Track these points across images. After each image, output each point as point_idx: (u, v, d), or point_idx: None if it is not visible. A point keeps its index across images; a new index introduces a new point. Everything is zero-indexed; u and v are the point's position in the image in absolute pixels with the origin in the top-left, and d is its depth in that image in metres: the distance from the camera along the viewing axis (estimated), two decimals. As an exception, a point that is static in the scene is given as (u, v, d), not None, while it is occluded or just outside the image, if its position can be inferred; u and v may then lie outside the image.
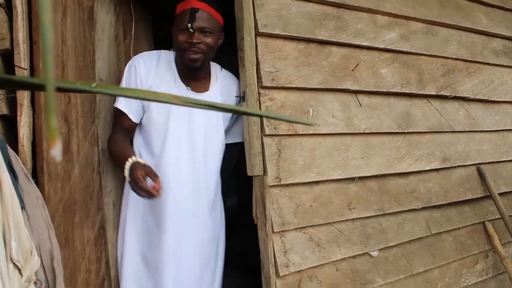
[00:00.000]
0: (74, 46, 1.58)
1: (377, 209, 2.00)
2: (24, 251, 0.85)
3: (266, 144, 1.70)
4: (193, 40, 1.65)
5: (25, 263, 0.85)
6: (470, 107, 2.46)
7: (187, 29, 1.64)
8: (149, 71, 1.74)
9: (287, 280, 1.71)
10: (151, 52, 1.85)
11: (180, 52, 1.71)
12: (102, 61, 1.77)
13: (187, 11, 1.65)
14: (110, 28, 1.85)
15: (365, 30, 2.03)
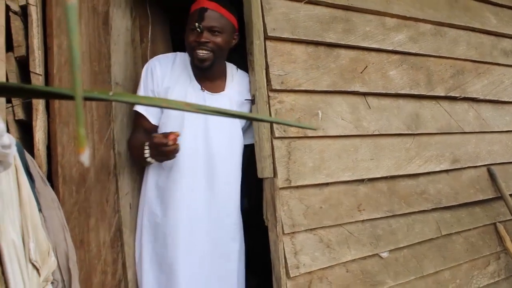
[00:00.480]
0: (89, 51, 1.61)
1: (386, 211, 2.00)
2: (41, 252, 0.88)
3: (276, 147, 1.72)
4: (201, 39, 1.67)
5: (43, 263, 0.88)
6: (480, 108, 2.46)
7: (196, 28, 1.67)
8: (165, 73, 1.77)
9: (297, 281, 1.72)
10: (167, 55, 1.88)
11: (190, 51, 1.74)
12: (118, 65, 1.80)
13: (197, 11, 1.68)
14: (126, 32, 1.88)
15: (373, 32, 2.04)
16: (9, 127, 1.31)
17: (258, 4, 1.73)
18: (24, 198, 0.84)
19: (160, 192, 1.78)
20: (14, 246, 0.71)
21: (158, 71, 1.77)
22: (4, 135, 0.60)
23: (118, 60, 1.80)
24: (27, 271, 0.77)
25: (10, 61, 1.32)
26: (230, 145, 1.84)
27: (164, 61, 1.81)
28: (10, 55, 1.33)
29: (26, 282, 0.74)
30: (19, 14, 1.36)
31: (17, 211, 0.80)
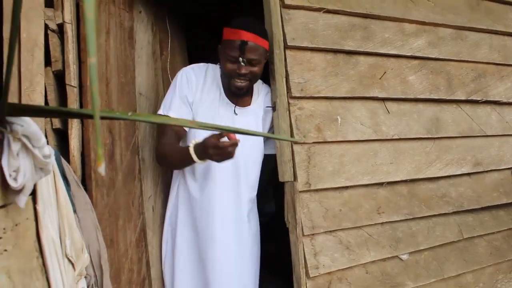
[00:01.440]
0: (117, 64, 1.72)
1: (406, 213, 2.04)
2: (76, 249, 0.98)
3: (296, 152, 1.79)
4: (242, 71, 1.73)
5: (77, 259, 0.98)
6: (503, 111, 2.45)
7: (236, 61, 1.72)
8: (198, 83, 1.85)
9: (317, 281, 1.79)
10: (200, 66, 1.93)
11: (227, 78, 1.80)
12: (141, 77, 1.91)
13: (237, 43, 1.70)
14: (148, 46, 1.99)
15: (392, 38, 2.09)
16: (47, 135, 1.43)
17: (278, 15, 1.81)
18: (61, 200, 0.94)
19: (193, 199, 1.88)
20: (53, 242, 0.81)
21: (194, 80, 1.84)
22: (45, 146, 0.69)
23: (141, 72, 1.90)
24: (64, 265, 0.87)
25: (48, 75, 1.44)
26: (254, 153, 1.93)
27: (198, 71, 1.88)
28: (48, 69, 1.45)
29: (63, 274, 0.84)
30: (56, 31, 1.48)
31: (55, 212, 0.90)
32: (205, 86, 1.86)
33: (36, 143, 0.66)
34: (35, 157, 0.67)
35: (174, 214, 1.93)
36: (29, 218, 0.73)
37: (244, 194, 1.92)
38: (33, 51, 1.41)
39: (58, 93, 1.50)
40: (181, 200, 1.91)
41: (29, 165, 0.67)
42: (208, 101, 1.85)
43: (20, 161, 0.63)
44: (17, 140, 0.62)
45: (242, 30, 1.69)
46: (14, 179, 0.63)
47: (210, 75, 1.89)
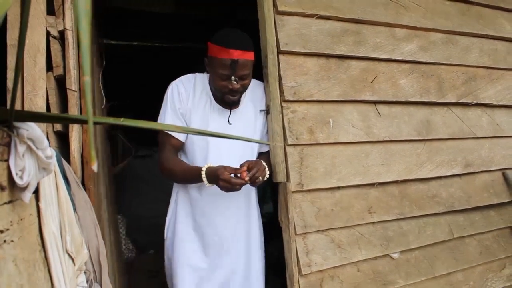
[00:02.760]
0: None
1: (397, 213, 2.10)
2: (76, 245, 1.04)
3: (289, 153, 1.85)
4: (234, 88, 1.77)
5: (77, 254, 1.04)
6: (494, 113, 2.51)
7: (228, 78, 1.74)
8: (188, 95, 1.88)
9: (309, 278, 1.85)
10: (187, 77, 1.94)
11: (219, 93, 1.83)
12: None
13: (227, 62, 1.71)
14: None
15: (383, 43, 2.15)
16: (49, 137, 1.50)
17: (271, 21, 1.87)
18: (62, 198, 1.00)
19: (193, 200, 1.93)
20: (54, 237, 0.87)
21: (184, 92, 1.87)
22: (47, 148, 0.76)
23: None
24: (64, 259, 0.93)
25: (50, 80, 1.51)
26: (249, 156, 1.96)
27: (186, 83, 1.90)
28: (50, 74, 1.51)
29: (64, 268, 0.90)
30: (57, 38, 1.54)
31: (56, 209, 0.96)
32: (195, 97, 1.90)
33: (39, 145, 0.73)
34: (38, 157, 0.74)
35: (173, 221, 1.98)
36: (32, 214, 0.79)
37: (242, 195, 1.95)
38: (36, 56, 1.48)
39: (59, 97, 1.56)
40: (180, 205, 1.96)
41: (33, 165, 0.74)
42: (200, 111, 1.89)
43: (25, 162, 0.70)
44: (23, 143, 0.69)
45: (231, 49, 1.70)
46: (20, 178, 0.70)
47: (198, 85, 1.92)
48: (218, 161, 1.81)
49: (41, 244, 0.82)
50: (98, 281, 1.26)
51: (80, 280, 1.09)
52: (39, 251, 0.79)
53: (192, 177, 1.79)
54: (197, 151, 1.90)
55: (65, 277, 0.90)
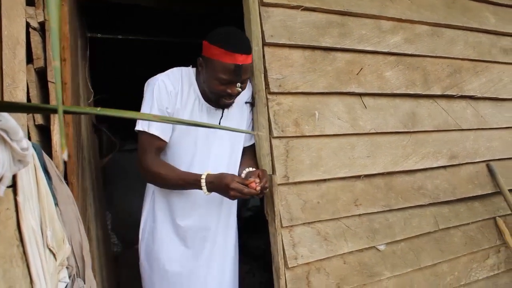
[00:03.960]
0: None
1: (383, 205, 2.11)
2: (57, 239, 1.02)
3: (274, 146, 1.84)
4: (234, 93, 1.68)
5: (59, 249, 1.02)
6: (478, 105, 2.53)
7: (229, 83, 1.65)
8: (177, 92, 1.76)
9: (295, 271, 1.85)
10: (173, 72, 1.81)
11: (215, 96, 1.73)
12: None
13: (231, 67, 1.61)
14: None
15: (369, 35, 2.14)
16: (29, 131, 1.47)
17: (256, 12, 1.85)
18: (42, 192, 0.98)
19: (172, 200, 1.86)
20: (33, 232, 0.85)
21: (172, 90, 1.74)
22: (23, 140, 0.74)
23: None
24: (45, 255, 0.91)
25: (30, 72, 1.47)
26: (235, 154, 1.92)
27: (173, 79, 1.77)
28: (30, 67, 1.48)
29: (44, 263, 0.88)
30: (38, 29, 1.51)
31: (36, 203, 0.94)
32: (183, 94, 1.78)
33: (14, 137, 0.71)
34: (13, 149, 0.72)
35: (149, 210, 1.92)
36: (10, 209, 0.77)
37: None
38: (15, 48, 1.45)
39: (40, 89, 1.53)
40: (158, 205, 1.89)
41: (7, 157, 0.71)
42: (188, 111, 1.79)
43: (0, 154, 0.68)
44: None
45: (236, 54, 1.60)
46: None
47: (185, 82, 1.80)
48: (205, 165, 1.77)
49: (20, 239, 0.80)
50: (81, 277, 1.24)
51: (62, 275, 1.07)
52: (17, 247, 0.78)
53: (187, 184, 1.69)
54: (182, 154, 1.80)
55: (45, 273, 0.88)
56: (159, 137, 1.73)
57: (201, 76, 1.77)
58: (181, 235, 1.85)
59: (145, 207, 1.93)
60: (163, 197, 1.87)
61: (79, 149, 1.78)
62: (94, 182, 2.18)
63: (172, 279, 1.84)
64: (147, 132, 1.71)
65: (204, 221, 1.85)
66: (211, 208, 1.86)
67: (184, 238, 1.85)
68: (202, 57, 1.71)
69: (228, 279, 1.94)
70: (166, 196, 1.86)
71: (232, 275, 1.98)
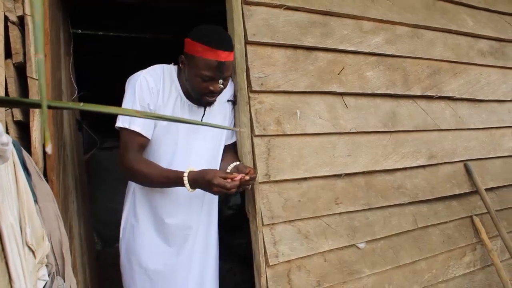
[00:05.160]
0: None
1: (364, 204, 2.13)
2: (36, 237, 1.01)
3: (256, 144, 1.85)
4: (216, 90, 1.69)
5: (38, 247, 1.01)
6: (457, 106, 2.58)
7: (211, 80, 1.66)
8: (159, 89, 1.75)
9: (276, 269, 1.86)
10: (154, 69, 1.80)
11: (198, 93, 1.73)
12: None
13: (213, 63, 1.63)
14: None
15: (350, 35, 2.17)
16: (8, 127, 1.44)
17: (239, 11, 1.86)
18: (21, 189, 0.97)
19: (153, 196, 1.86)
20: (12, 229, 0.84)
21: (154, 87, 1.74)
22: (2, 135, 0.73)
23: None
24: (24, 252, 0.90)
25: (9, 68, 1.45)
26: (216, 152, 1.93)
27: (155, 76, 1.77)
28: (9, 62, 1.46)
29: (23, 261, 0.87)
30: (16, 24, 1.49)
31: (15, 200, 0.93)
32: (165, 91, 1.78)
33: None
34: None
35: (130, 206, 1.91)
36: (-15, 205, 0.77)
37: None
38: (-7, 43, 1.42)
39: (19, 85, 1.51)
40: (139, 204, 1.88)
41: None
42: (169, 108, 1.78)
43: None
44: None
45: (219, 50, 1.62)
46: None
47: (167, 79, 1.80)
48: (186, 163, 1.76)
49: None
50: (61, 274, 1.23)
51: (41, 273, 1.06)
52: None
53: (169, 181, 1.69)
54: (162, 152, 1.80)
55: (24, 270, 0.87)
56: (141, 133, 1.72)
57: (183, 74, 1.77)
58: (163, 233, 1.85)
59: (126, 206, 1.92)
60: (144, 195, 1.86)
61: (60, 146, 1.76)
62: (78, 179, 2.15)
63: (154, 277, 1.83)
64: (128, 129, 1.70)
65: (186, 219, 1.85)
66: (192, 206, 1.86)
67: (166, 236, 1.85)
68: (185, 54, 1.71)
69: (209, 277, 1.95)
70: (147, 195, 1.85)
71: (213, 273, 1.98)
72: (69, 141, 2.04)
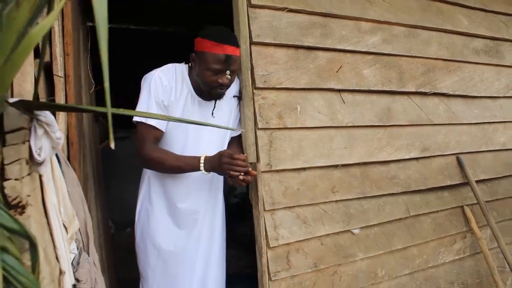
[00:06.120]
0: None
1: (359, 193, 2.30)
2: (68, 216, 1.18)
3: (259, 136, 2.02)
4: (225, 82, 1.86)
5: (69, 224, 1.18)
6: (450, 102, 2.72)
7: (220, 73, 1.84)
8: (171, 86, 1.93)
9: (276, 251, 2.03)
10: (168, 68, 1.98)
11: (208, 87, 1.90)
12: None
13: (221, 57, 1.81)
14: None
15: (349, 36, 2.31)
16: (36, 120, 1.62)
17: (245, 13, 2.01)
18: (56, 175, 1.14)
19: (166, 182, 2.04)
20: (54, 207, 1.01)
21: (167, 84, 1.91)
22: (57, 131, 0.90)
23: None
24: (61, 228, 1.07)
25: (37, 66, 1.62)
26: (222, 143, 2.10)
27: (168, 74, 1.94)
28: (37, 61, 1.62)
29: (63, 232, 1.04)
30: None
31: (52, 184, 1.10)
32: (177, 88, 1.95)
33: (52, 129, 0.88)
34: (51, 139, 0.88)
35: (146, 195, 2.09)
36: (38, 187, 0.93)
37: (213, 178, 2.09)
38: (24, 44, 1.59)
39: (46, 82, 1.68)
40: (153, 188, 2.06)
41: (48, 145, 0.88)
42: (181, 104, 1.95)
43: (42, 142, 0.84)
44: (41, 127, 0.83)
45: (226, 45, 1.80)
46: (38, 155, 0.84)
47: (179, 77, 1.96)
48: (195, 153, 1.93)
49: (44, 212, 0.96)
50: (85, 250, 1.41)
51: (72, 247, 1.23)
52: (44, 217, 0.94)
53: (186, 165, 1.87)
54: (174, 143, 1.98)
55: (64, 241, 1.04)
56: (156, 127, 1.90)
57: (193, 70, 1.95)
58: (175, 217, 2.03)
59: (141, 191, 2.10)
60: (158, 182, 2.04)
61: (80, 137, 1.92)
62: (95, 168, 2.33)
63: (166, 257, 2.02)
64: (145, 123, 1.89)
65: (195, 204, 2.03)
66: (201, 192, 2.04)
67: (177, 219, 2.03)
68: (195, 52, 1.90)
69: (214, 257, 2.13)
70: (161, 181, 2.03)
71: (219, 255, 2.15)
72: (88, 132, 2.21)
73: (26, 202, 0.82)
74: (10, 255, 0.70)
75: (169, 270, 2.02)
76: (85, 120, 2.17)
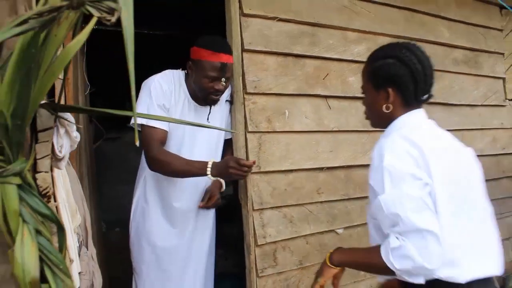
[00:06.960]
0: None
1: (343, 194, 2.41)
2: (71, 210, 1.27)
3: (249, 139, 2.12)
4: (220, 88, 1.96)
5: (73, 218, 1.26)
6: (430, 109, 2.83)
7: (216, 80, 1.93)
8: (171, 91, 2.02)
9: (264, 248, 2.13)
10: (166, 74, 2.06)
11: (204, 93, 1.99)
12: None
13: (217, 65, 1.90)
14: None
15: (335, 45, 2.43)
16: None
17: (237, 22, 2.12)
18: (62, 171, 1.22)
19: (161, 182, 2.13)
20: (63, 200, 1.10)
21: (167, 89, 2.00)
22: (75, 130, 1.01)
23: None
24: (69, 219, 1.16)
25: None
26: (217, 145, 2.20)
27: (167, 80, 2.03)
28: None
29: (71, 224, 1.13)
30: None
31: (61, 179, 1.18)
32: (175, 93, 2.04)
33: (72, 129, 0.97)
34: (71, 137, 0.97)
35: (141, 195, 2.18)
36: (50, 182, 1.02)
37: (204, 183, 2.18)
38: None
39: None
40: (149, 188, 2.15)
41: (68, 143, 0.97)
42: (179, 109, 2.05)
43: (63, 140, 0.93)
44: (63, 126, 0.92)
45: (221, 53, 1.91)
46: (59, 152, 0.94)
47: (176, 82, 2.06)
48: (191, 153, 2.04)
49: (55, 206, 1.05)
50: (84, 244, 1.49)
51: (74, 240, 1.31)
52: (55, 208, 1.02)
53: (193, 168, 1.93)
54: (172, 144, 2.05)
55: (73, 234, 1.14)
56: (159, 127, 1.97)
57: (190, 78, 2.04)
58: (170, 216, 2.13)
59: (137, 191, 2.19)
60: (154, 182, 2.14)
61: (77, 137, 2.00)
62: (89, 167, 2.40)
63: (160, 253, 2.11)
64: (147, 125, 1.96)
65: (189, 203, 2.13)
66: (194, 193, 2.13)
67: (172, 218, 2.13)
68: (192, 60, 1.99)
69: (206, 256, 2.22)
70: (157, 182, 2.13)
71: (209, 253, 2.25)
72: (83, 133, 2.29)
73: (52, 192, 0.92)
74: (43, 237, 0.80)
75: (162, 266, 2.11)
76: (81, 120, 2.24)
